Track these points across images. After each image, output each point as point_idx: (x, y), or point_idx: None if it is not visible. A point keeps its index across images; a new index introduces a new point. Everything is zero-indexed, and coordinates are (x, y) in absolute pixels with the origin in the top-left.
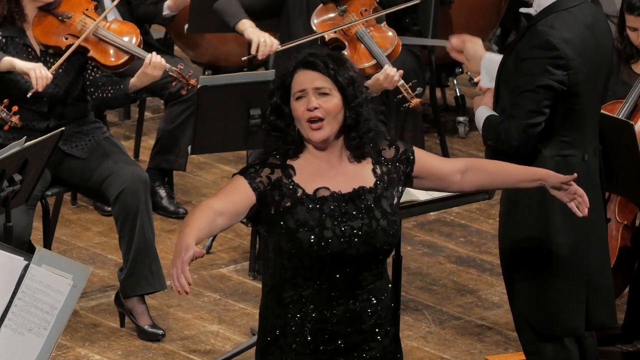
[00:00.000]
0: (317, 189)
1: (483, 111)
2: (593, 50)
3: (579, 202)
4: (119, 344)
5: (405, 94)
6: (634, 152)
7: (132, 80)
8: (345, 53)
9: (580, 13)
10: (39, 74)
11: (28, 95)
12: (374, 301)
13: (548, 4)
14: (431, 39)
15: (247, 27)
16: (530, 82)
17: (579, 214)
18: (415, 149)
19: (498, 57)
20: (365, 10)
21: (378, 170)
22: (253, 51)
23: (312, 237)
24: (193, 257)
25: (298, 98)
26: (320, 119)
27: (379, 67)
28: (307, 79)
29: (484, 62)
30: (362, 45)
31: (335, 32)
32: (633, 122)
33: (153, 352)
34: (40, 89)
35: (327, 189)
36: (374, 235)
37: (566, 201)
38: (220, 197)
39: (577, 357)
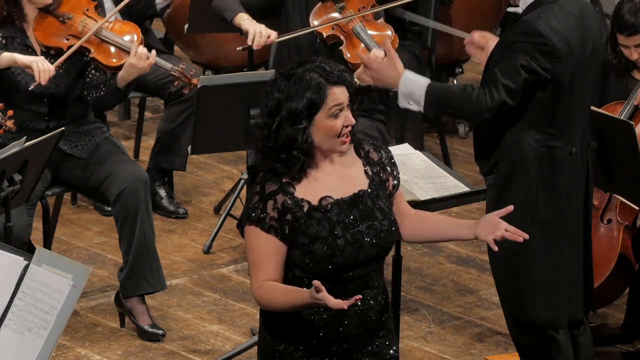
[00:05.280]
0: (322, 198)
1: (416, 76)
2: (580, 42)
3: (509, 236)
4: (119, 344)
5: None
6: (634, 152)
7: (120, 73)
8: (343, 49)
9: (567, 4)
10: (42, 67)
11: (30, 88)
12: (379, 298)
13: (533, 0)
14: (450, 28)
15: (244, 19)
16: (515, 59)
17: (494, 249)
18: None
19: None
20: (363, 7)
21: (369, 172)
22: (249, 42)
23: (326, 247)
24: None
25: (334, 115)
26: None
27: None
28: (342, 95)
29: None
30: (359, 40)
31: (333, 28)
32: (633, 123)
33: (153, 352)
34: (43, 82)
35: (331, 197)
36: (380, 236)
37: (490, 239)
38: (258, 269)
39: (571, 354)
